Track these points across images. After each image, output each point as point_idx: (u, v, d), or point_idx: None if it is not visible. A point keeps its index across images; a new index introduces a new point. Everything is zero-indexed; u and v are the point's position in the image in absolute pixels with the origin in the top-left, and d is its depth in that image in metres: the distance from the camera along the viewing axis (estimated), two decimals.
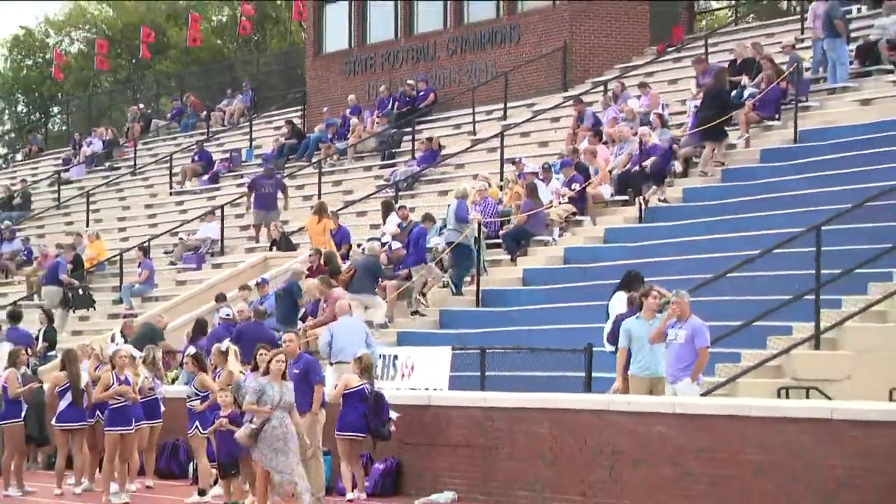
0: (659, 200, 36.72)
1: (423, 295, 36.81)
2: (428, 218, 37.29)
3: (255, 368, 26.34)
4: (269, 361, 22.74)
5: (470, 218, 36.66)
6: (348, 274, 36.80)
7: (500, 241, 37.69)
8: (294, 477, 22.35)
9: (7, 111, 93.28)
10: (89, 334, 36.99)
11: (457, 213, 36.13)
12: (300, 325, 35.15)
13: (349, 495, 27.25)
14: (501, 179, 40.27)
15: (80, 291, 45.39)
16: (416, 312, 36.53)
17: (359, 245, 39.44)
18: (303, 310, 36.78)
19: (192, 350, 30.41)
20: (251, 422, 22.47)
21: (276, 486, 22.59)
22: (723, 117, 36.32)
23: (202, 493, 27.86)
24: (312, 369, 26.79)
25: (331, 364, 31.13)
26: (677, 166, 37.43)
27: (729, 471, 20.57)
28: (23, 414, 30.29)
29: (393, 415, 28.12)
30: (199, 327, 34.95)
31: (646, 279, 28.08)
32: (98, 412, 28.99)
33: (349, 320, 32.07)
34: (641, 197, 36.00)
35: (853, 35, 39.77)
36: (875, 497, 20.85)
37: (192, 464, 28.54)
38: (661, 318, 24.61)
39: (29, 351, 33.38)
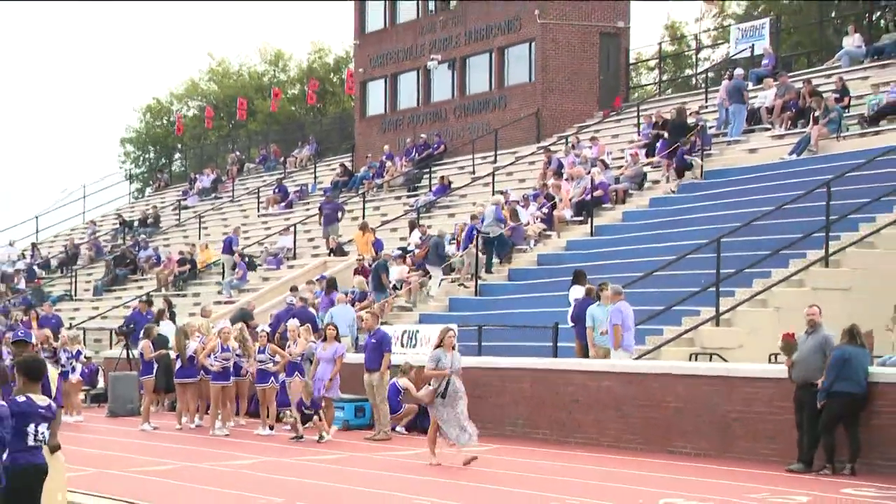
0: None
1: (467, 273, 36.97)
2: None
3: (325, 339, 27.51)
4: (444, 336, 21.44)
5: (502, 216, 36.79)
6: (424, 251, 37.20)
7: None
8: (460, 428, 20.90)
9: (142, 157, 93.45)
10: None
11: (495, 214, 36.41)
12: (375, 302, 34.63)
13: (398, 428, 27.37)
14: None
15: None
16: (461, 284, 36.58)
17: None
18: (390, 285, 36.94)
19: (266, 328, 30.51)
20: (430, 383, 21.30)
21: (445, 435, 21.11)
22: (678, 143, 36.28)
23: (271, 427, 28.12)
24: (384, 340, 26.77)
25: None
26: (617, 196, 37.03)
27: (655, 413, 21.70)
28: (154, 371, 30.45)
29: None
30: (244, 315, 35.08)
31: (594, 277, 28.91)
32: (203, 371, 28.52)
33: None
34: (591, 218, 35.75)
35: (746, 102, 39.67)
36: (755, 429, 21.90)
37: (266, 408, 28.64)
38: (612, 306, 24.66)
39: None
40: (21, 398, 12.00)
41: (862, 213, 28.64)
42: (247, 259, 47.00)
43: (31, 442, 11.93)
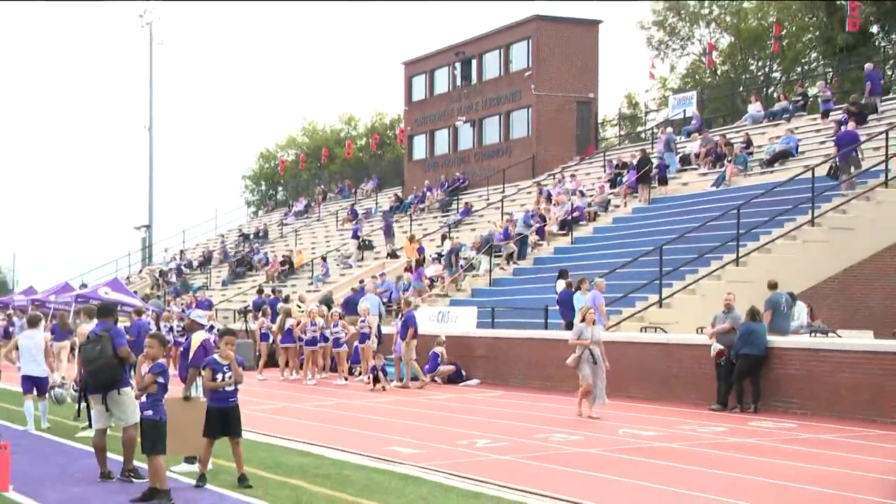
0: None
1: (509, 258, 36.75)
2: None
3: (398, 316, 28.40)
4: (586, 313, 19.76)
5: (529, 221, 37.63)
6: (478, 245, 37.60)
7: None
8: (600, 389, 19.13)
9: (256, 189, 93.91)
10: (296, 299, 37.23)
11: (524, 220, 37.21)
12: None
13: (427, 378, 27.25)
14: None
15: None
16: (502, 268, 36.50)
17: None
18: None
19: (339, 310, 30.52)
20: (574, 351, 19.51)
21: (591, 397, 19.20)
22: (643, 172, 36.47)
23: (345, 379, 28.13)
24: (410, 319, 26.75)
25: None
26: (590, 216, 37.03)
27: (616, 369, 20.58)
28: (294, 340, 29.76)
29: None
30: (327, 300, 35.18)
31: (574, 273, 28.46)
32: (299, 339, 28.67)
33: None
34: (571, 231, 35.69)
35: (679, 150, 39.55)
36: (686, 380, 22.15)
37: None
38: (589, 294, 24.57)
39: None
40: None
41: (762, 228, 28.30)
42: (326, 261, 47.33)
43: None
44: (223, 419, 12.25)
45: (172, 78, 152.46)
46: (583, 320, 19.79)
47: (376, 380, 26.09)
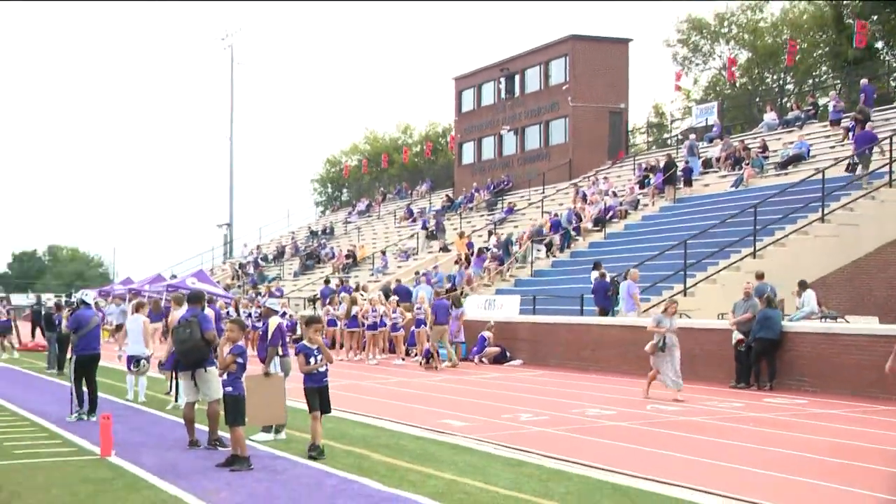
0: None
1: (549, 247, 36.80)
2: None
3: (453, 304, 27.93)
4: (668, 305, 19.04)
5: (572, 217, 37.63)
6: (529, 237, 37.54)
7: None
8: (675, 374, 18.16)
9: (323, 191, 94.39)
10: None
11: (567, 216, 37.26)
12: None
13: (476, 359, 27.63)
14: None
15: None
16: (553, 255, 36.39)
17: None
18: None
19: (396, 298, 30.66)
20: (653, 338, 18.51)
21: (665, 383, 18.30)
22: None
23: (402, 359, 28.33)
24: (439, 307, 26.82)
25: None
26: (621, 214, 36.91)
27: (640, 351, 20.39)
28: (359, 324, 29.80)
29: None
30: (386, 290, 35.18)
31: (607, 266, 28.54)
32: (362, 323, 28.88)
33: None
34: (604, 228, 35.62)
35: (701, 154, 39.25)
36: (709, 361, 21.82)
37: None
38: (624, 283, 24.76)
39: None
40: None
41: (776, 224, 28.12)
42: (385, 254, 47.45)
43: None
44: (320, 397, 12.12)
45: (250, 92, 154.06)
46: (664, 310, 19.02)
47: (429, 360, 26.15)
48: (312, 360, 12.01)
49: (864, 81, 37.06)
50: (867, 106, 35.16)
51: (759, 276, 23.28)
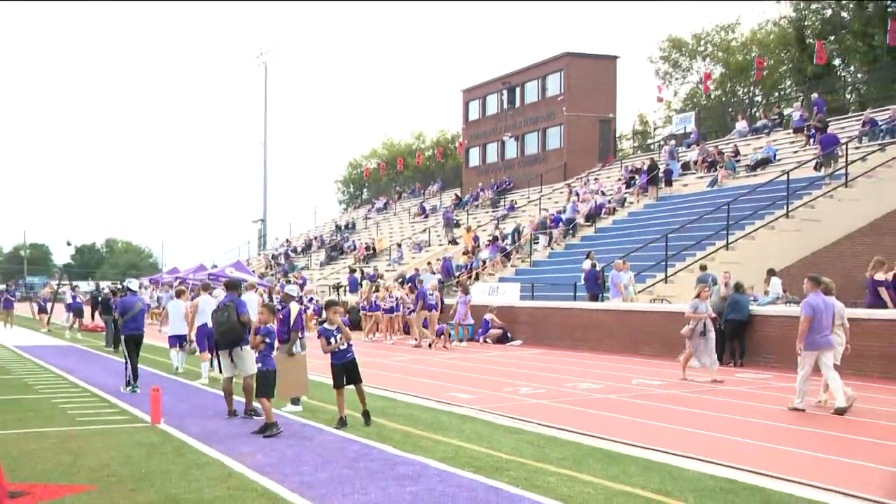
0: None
1: (549, 238, 36.63)
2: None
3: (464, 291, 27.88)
4: (701, 290, 17.56)
5: (576, 209, 37.42)
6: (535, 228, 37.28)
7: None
8: (710, 357, 17.08)
9: (346, 190, 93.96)
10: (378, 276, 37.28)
11: (572, 209, 37.13)
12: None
13: (481, 340, 27.43)
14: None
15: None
16: (556, 244, 36.19)
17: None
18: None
19: (410, 284, 30.53)
20: (689, 323, 17.32)
21: (705, 364, 17.09)
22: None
23: (416, 342, 27.34)
24: (422, 293, 26.48)
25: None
26: (610, 211, 36.74)
27: (630, 333, 20.68)
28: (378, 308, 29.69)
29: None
30: (403, 279, 35.05)
31: (598, 257, 28.27)
32: (379, 308, 28.83)
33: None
34: (595, 223, 35.41)
35: (680, 158, 39.07)
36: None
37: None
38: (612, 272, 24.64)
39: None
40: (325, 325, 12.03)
41: (747, 220, 27.96)
42: (401, 247, 47.28)
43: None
44: (346, 372, 12.01)
45: (282, 103, 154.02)
46: (698, 296, 17.62)
47: (439, 336, 26.18)
48: (333, 340, 11.93)
49: (814, 96, 37.30)
50: (821, 115, 35.38)
51: (703, 268, 24.14)
